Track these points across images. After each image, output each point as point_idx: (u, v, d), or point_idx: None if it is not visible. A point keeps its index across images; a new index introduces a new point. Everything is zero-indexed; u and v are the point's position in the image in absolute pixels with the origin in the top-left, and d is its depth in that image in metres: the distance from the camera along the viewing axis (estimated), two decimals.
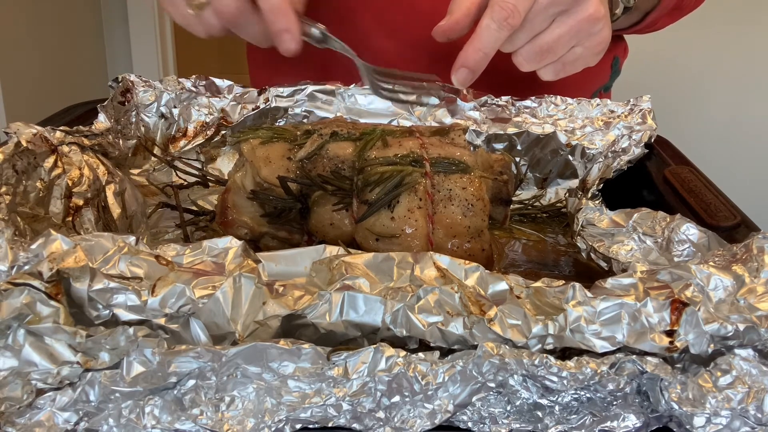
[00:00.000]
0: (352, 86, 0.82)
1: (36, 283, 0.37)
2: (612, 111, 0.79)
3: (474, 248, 0.57)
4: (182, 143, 0.82)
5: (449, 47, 0.64)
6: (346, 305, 0.39)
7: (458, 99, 0.80)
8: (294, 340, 0.37)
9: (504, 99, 0.81)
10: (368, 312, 0.39)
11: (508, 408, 0.38)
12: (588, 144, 0.77)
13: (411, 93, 0.67)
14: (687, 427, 0.37)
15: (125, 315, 0.38)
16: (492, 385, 0.38)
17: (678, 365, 0.39)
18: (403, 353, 0.38)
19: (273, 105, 0.82)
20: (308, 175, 0.58)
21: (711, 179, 0.66)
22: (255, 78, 1.03)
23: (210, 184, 0.76)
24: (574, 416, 0.38)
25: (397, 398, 0.38)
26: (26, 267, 0.38)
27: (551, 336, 0.38)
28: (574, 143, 0.77)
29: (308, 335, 0.39)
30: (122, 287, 0.38)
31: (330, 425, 0.38)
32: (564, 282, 0.40)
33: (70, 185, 0.58)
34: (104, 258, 0.40)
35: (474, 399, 0.38)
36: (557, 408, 0.38)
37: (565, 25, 0.61)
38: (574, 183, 0.78)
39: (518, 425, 0.38)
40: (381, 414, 0.38)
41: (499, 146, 0.79)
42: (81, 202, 0.58)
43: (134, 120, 0.79)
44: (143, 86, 0.80)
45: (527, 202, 0.77)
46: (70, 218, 0.57)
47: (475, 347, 0.38)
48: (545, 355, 0.37)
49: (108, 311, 0.38)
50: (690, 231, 0.53)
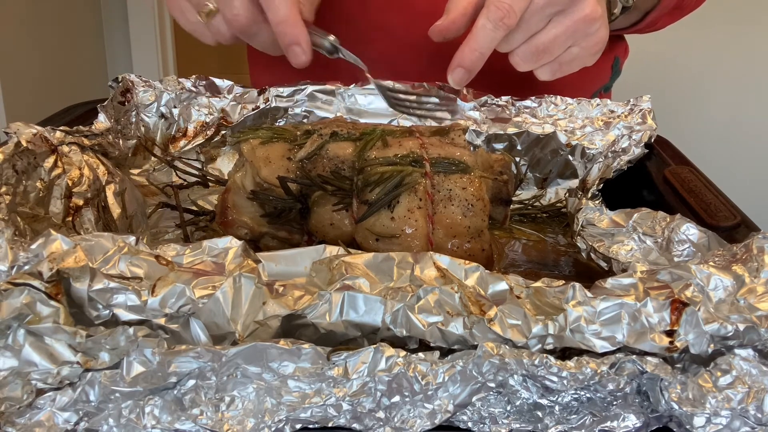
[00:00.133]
0: (352, 86, 0.82)
1: (36, 283, 0.37)
2: (612, 111, 0.79)
3: (474, 248, 0.57)
4: (182, 143, 0.82)
5: (447, 47, 0.64)
6: (346, 305, 0.39)
7: (458, 99, 0.80)
8: (294, 340, 0.37)
9: (504, 99, 0.81)
10: (368, 312, 0.39)
11: (508, 408, 0.38)
12: (588, 144, 0.77)
13: (423, 105, 0.69)
14: (687, 427, 0.37)
15: (125, 315, 0.38)
16: (492, 385, 0.38)
17: (678, 365, 0.39)
18: (403, 353, 0.38)
19: (273, 105, 0.82)
20: (308, 175, 0.58)
21: (711, 179, 0.66)
22: (255, 78, 1.03)
23: (210, 184, 0.76)
24: (574, 416, 0.38)
25: (397, 398, 0.38)
26: (26, 267, 0.38)
27: (551, 336, 0.38)
28: (574, 143, 0.77)
29: (308, 335, 0.39)
30: (122, 287, 0.38)
31: (330, 425, 0.38)
32: (564, 282, 0.40)
33: (70, 185, 0.58)
34: (104, 258, 0.40)
35: (474, 399, 0.38)
36: (557, 408, 0.38)
37: (562, 26, 0.61)
38: (574, 183, 0.78)
39: (518, 425, 0.38)
40: (381, 414, 0.38)
41: (499, 146, 0.78)
42: (81, 202, 0.58)
43: (134, 120, 0.79)
44: (143, 86, 0.80)
45: (527, 202, 0.77)
46: (70, 218, 0.57)
47: (475, 347, 0.38)
48: (545, 355, 0.37)
49: (108, 311, 0.38)
50: (690, 231, 0.53)
